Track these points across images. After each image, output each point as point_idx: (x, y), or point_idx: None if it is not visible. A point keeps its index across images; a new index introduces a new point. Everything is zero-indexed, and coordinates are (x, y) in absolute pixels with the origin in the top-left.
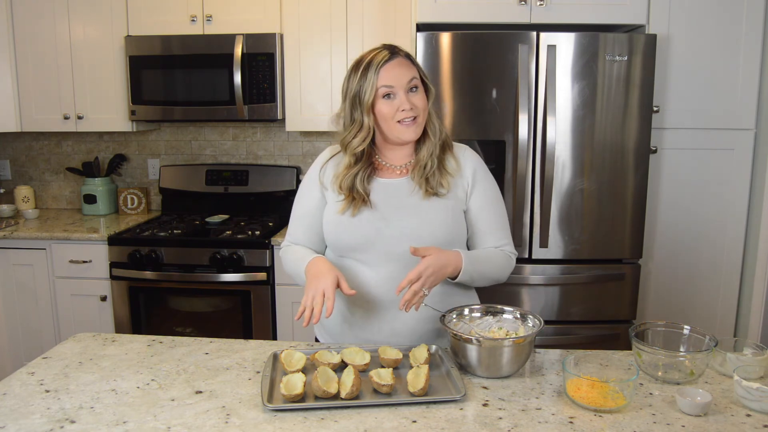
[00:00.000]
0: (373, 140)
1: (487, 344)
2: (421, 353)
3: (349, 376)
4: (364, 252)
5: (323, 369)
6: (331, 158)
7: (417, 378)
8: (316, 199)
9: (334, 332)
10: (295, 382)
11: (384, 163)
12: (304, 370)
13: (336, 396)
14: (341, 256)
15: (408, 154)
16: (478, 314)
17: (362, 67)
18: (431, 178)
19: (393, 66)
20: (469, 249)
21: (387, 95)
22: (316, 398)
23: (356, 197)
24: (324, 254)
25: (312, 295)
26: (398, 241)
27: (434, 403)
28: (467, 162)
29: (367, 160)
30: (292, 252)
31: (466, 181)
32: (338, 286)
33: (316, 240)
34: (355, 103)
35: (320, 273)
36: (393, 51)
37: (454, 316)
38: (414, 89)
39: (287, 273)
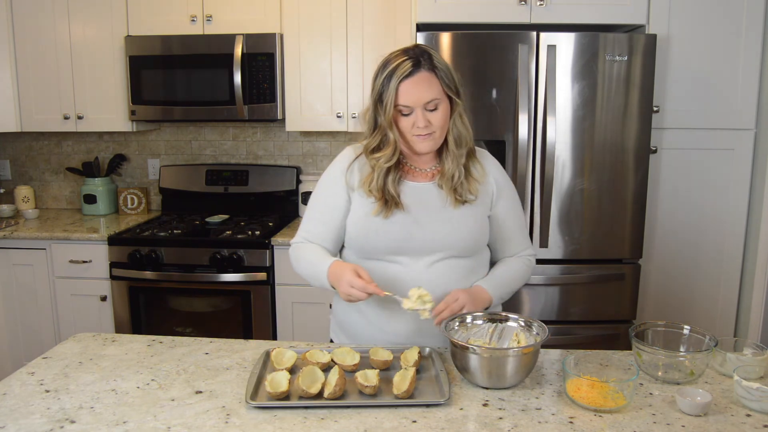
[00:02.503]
0: None
1: (487, 354)
2: (411, 355)
3: (333, 376)
4: (392, 254)
5: (309, 368)
6: (356, 159)
7: (402, 380)
8: (341, 199)
9: (354, 333)
10: (279, 380)
11: (410, 165)
12: (295, 369)
13: (319, 395)
14: (366, 258)
15: (431, 158)
16: (480, 321)
17: (386, 72)
18: (459, 188)
19: (413, 84)
20: (491, 252)
21: (404, 113)
22: (300, 397)
23: (389, 199)
24: (338, 255)
25: (350, 290)
26: (428, 245)
27: (436, 405)
28: (491, 168)
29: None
30: (307, 251)
31: (491, 188)
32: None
33: (333, 239)
34: (378, 107)
35: (342, 271)
36: (417, 63)
37: (457, 323)
38: (434, 109)
39: (299, 272)
